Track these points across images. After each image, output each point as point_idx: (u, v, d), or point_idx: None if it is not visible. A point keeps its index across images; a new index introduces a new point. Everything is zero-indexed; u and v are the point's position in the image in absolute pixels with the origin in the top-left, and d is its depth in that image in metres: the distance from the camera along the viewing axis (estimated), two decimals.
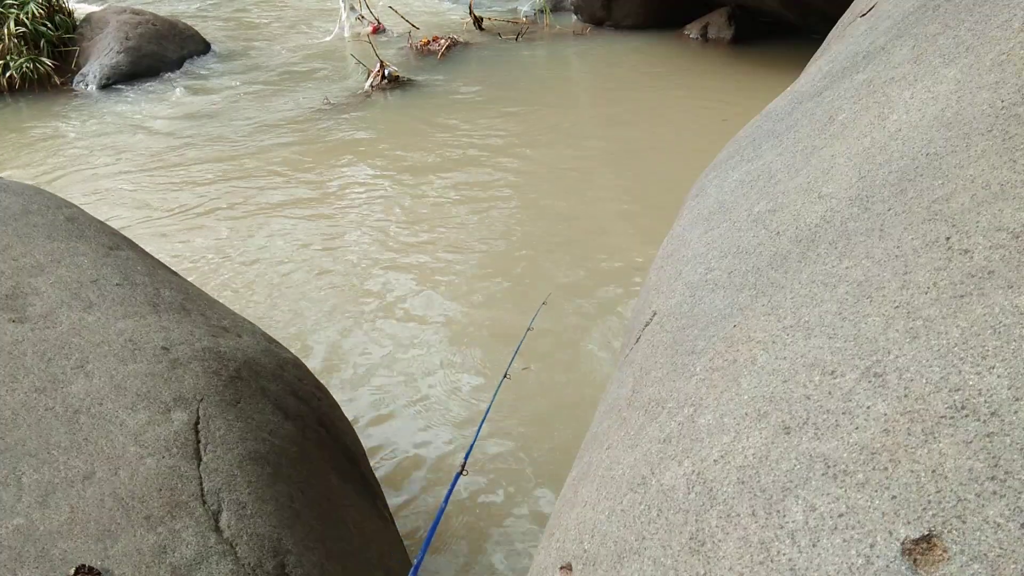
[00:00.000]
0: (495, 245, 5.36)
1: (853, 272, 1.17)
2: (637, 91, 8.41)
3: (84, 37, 9.94)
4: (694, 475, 1.10)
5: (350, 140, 7.48)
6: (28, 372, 1.92)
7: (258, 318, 4.52)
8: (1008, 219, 1.01)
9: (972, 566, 0.75)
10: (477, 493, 3.32)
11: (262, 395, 2.15)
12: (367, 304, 4.77)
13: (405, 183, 6.49)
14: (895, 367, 0.96)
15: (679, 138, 7.00)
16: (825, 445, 0.95)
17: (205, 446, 1.84)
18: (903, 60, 1.63)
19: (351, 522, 2.14)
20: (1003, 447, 0.80)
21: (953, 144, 1.24)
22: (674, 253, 1.91)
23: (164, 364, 2.00)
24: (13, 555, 1.53)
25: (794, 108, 2.07)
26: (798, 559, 0.88)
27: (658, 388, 1.41)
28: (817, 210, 1.43)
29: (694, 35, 9.88)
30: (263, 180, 6.66)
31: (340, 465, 2.32)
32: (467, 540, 3.11)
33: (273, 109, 8.41)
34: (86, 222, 2.62)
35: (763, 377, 1.14)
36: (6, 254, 2.28)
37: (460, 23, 11.38)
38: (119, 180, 6.85)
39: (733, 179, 1.97)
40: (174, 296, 2.37)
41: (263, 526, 1.75)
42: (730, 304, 1.42)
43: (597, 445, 1.55)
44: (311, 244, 5.53)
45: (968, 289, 0.98)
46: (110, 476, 1.70)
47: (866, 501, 0.86)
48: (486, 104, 8.25)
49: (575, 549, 1.30)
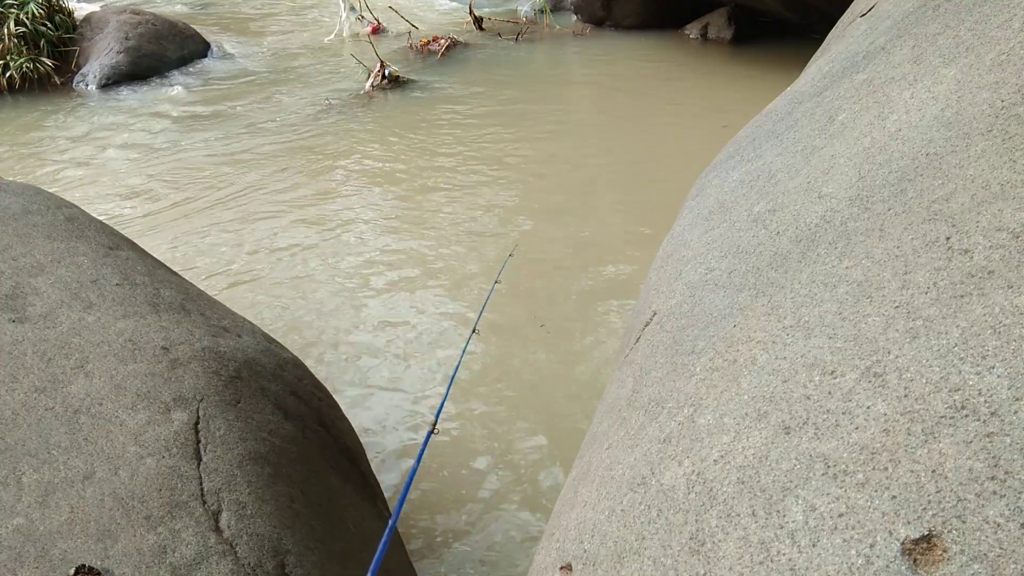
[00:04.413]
0: (496, 245, 5.37)
1: (853, 272, 1.17)
2: (636, 91, 8.41)
3: (84, 37, 9.93)
4: (694, 475, 1.10)
5: (350, 140, 7.48)
6: (28, 372, 1.92)
7: (257, 318, 4.52)
8: (1008, 219, 1.01)
9: (972, 566, 0.75)
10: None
11: (262, 395, 2.15)
12: (367, 304, 4.77)
13: (405, 183, 6.49)
14: (895, 367, 0.96)
15: (679, 138, 7.00)
16: (825, 445, 0.95)
17: (205, 446, 1.84)
18: (903, 60, 1.63)
19: (351, 522, 2.14)
20: (1003, 447, 0.80)
21: (953, 144, 1.24)
22: (674, 253, 1.91)
23: (164, 364, 2.00)
24: (13, 555, 1.53)
25: (794, 108, 2.07)
26: (798, 559, 0.88)
27: (658, 388, 1.41)
28: (817, 210, 1.43)
29: (694, 35, 9.88)
30: (263, 180, 6.66)
31: (340, 465, 2.32)
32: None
33: (273, 109, 8.41)
34: (86, 222, 2.62)
35: (763, 377, 1.14)
36: (6, 254, 2.28)
37: (460, 23, 11.38)
38: (119, 180, 6.85)
39: (733, 179, 1.97)
40: (174, 296, 2.37)
41: (263, 526, 1.75)
42: (730, 304, 1.42)
43: (597, 445, 1.55)
44: (311, 244, 5.54)
45: (968, 289, 0.98)
46: (110, 476, 1.70)
47: (866, 501, 0.86)
48: (486, 104, 8.25)
49: (575, 549, 1.30)
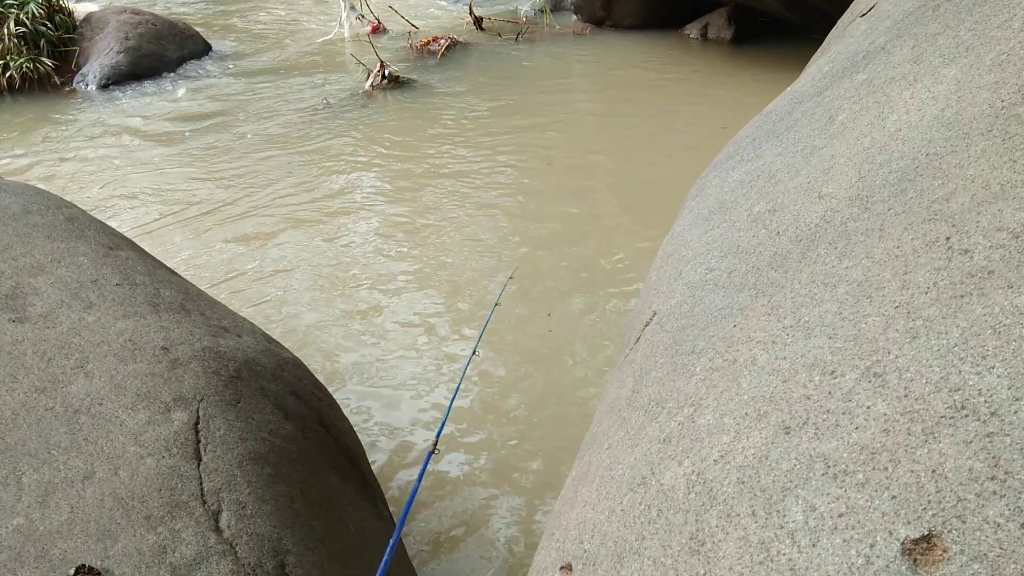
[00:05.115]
0: (495, 245, 5.37)
1: (853, 272, 1.17)
2: (636, 91, 8.41)
3: (84, 37, 9.93)
4: (694, 475, 1.10)
5: (350, 140, 7.48)
6: (28, 372, 1.92)
7: (257, 318, 4.52)
8: (1008, 219, 1.01)
9: (972, 566, 0.75)
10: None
11: (262, 395, 2.15)
12: (367, 304, 4.77)
13: (405, 183, 6.49)
14: (895, 367, 0.96)
15: (679, 139, 7.00)
16: (825, 445, 0.95)
17: (205, 446, 1.84)
18: (903, 60, 1.63)
19: (351, 522, 2.14)
20: (1003, 447, 0.80)
21: (953, 144, 1.24)
22: (674, 253, 1.91)
23: (164, 364, 2.00)
24: (13, 555, 1.53)
25: (794, 108, 2.07)
26: (798, 559, 0.88)
27: (658, 388, 1.41)
28: (817, 210, 1.43)
29: (694, 35, 9.87)
30: (262, 180, 6.66)
31: (340, 465, 2.32)
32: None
33: (273, 109, 8.41)
34: (86, 222, 2.62)
35: (763, 377, 1.14)
36: (6, 254, 2.28)
37: (460, 23, 11.38)
38: (118, 180, 6.84)
39: (733, 179, 1.97)
40: (174, 296, 2.37)
41: (263, 526, 1.75)
42: (730, 304, 1.42)
43: (597, 445, 1.55)
44: (310, 244, 5.54)
45: (968, 289, 0.98)
46: (110, 476, 1.70)
47: (866, 501, 0.86)
48: (486, 104, 8.25)
49: (575, 549, 1.30)
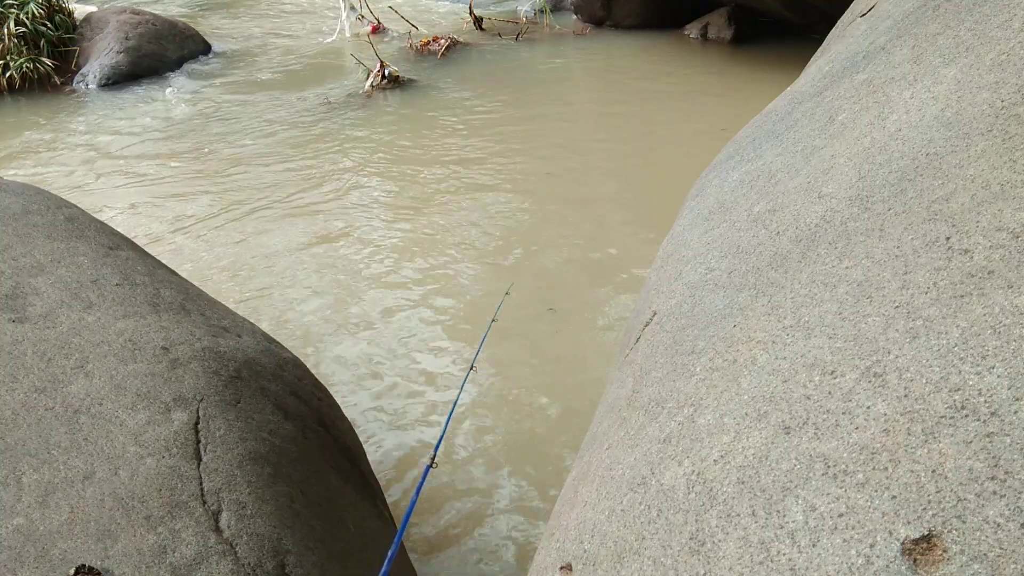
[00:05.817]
0: (496, 246, 5.36)
1: (853, 272, 1.17)
2: (636, 91, 8.40)
3: (84, 37, 9.93)
4: (694, 475, 1.10)
5: (350, 140, 7.48)
6: (28, 372, 1.92)
7: (257, 318, 4.52)
8: (1008, 219, 1.01)
9: (972, 566, 0.75)
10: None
11: (262, 395, 2.15)
12: (367, 304, 4.77)
13: (405, 183, 6.49)
14: (895, 367, 0.96)
15: (678, 139, 7.00)
16: (825, 445, 0.95)
17: (205, 446, 1.84)
18: (903, 60, 1.63)
19: (351, 522, 2.14)
20: (1003, 447, 0.80)
21: (953, 144, 1.24)
22: (674, 253, 1.91)
23: (164, 364, 2.00)
24: (13, 555, 1.53)
25: (794, 108, 2.07)
26: (798, 559, 0.88)
27: (658, 388, 1.41)
28: (817, 210, 1.43)
29: (694, 35, 9.87)
30: (262, 179, 6.66)
31: (340, 465, 2.32)
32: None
33: (273, 109, 8.41)
34: (86, 222, 2.62)
35: (763, 377, 1.14)
36: (6, 254, 2.27)
37: (460, 23, 11.37)
38: (118, 180, 6.85)
39: (733, 179, 1.97)
40: (174, 296, 2.37)
41: (263, 526, 1.75)
42: (730, 304, 1.42)
43: (597, 445, 1.55)
44: (310, 244, 5.54)
45: (968, 289, 0.98)
46: (110, 476, 1.70)
47: (866, 501, 0.86)
48: (486, 104, 8.24)
49: (575, 549, 1.30)
